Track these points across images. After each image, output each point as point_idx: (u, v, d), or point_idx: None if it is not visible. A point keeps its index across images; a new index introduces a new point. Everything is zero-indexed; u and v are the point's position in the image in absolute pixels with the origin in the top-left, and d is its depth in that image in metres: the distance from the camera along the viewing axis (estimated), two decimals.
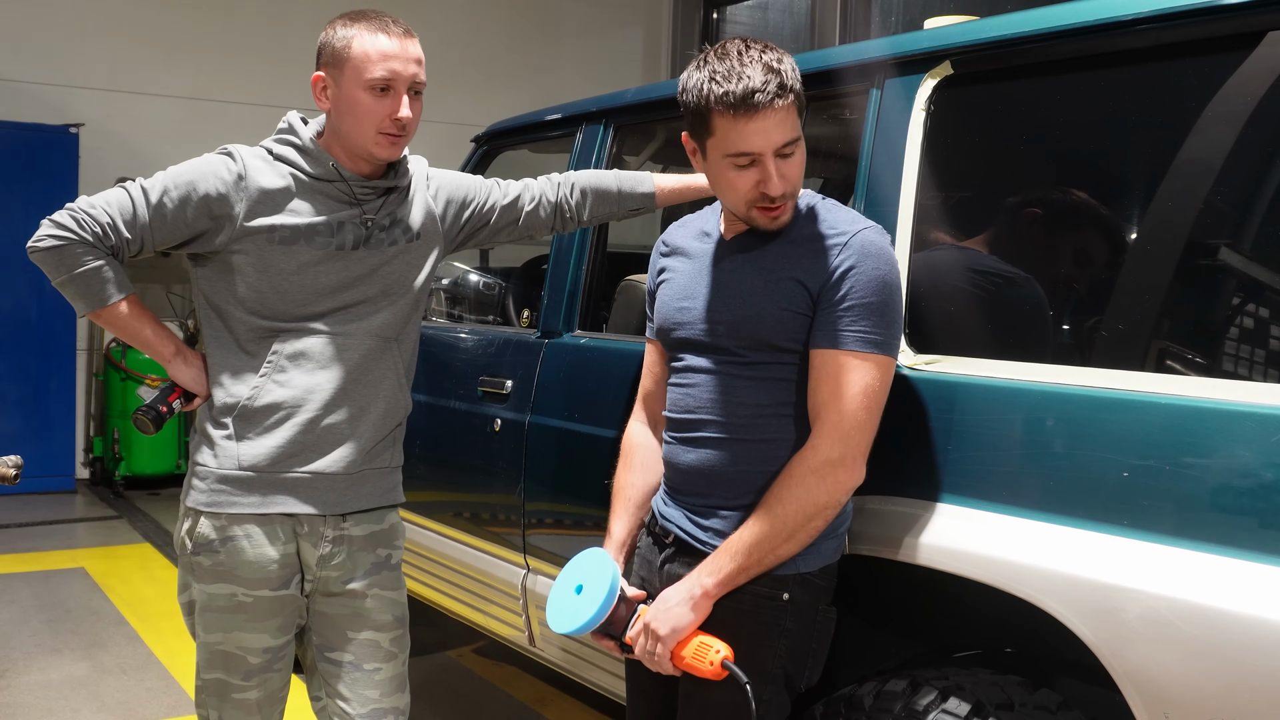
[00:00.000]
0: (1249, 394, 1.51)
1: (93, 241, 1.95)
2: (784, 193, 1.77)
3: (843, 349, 1.75)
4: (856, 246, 1.77)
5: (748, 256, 1.87)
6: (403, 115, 1.98)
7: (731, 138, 1.74)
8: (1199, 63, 1.71)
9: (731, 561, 1.77)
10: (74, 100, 7.12)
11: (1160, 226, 1.70)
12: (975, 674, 1.78)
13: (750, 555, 1.76)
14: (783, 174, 1.76)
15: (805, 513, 1.75)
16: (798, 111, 1.76)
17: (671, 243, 2.04)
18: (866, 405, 1.75)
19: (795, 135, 1.76)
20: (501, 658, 4.08)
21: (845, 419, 1.74)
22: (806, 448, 1.77)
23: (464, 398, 3.10)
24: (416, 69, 2.01)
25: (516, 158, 3.52)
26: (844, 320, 1.75)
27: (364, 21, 1.99)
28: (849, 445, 1.75)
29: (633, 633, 1.87)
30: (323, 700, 2.16)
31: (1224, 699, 1.44)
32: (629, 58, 9.08)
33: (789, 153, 1.76)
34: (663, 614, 1.81)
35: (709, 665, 1.75)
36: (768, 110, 1.71)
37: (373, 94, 1.98)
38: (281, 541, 2.05)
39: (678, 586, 1.83)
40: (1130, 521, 1.57)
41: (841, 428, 1.74)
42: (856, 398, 1.74)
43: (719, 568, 1.78)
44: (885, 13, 7.46)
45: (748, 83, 1.70)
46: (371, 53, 1.97)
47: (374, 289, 2.10)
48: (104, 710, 3.60)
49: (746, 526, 1.78)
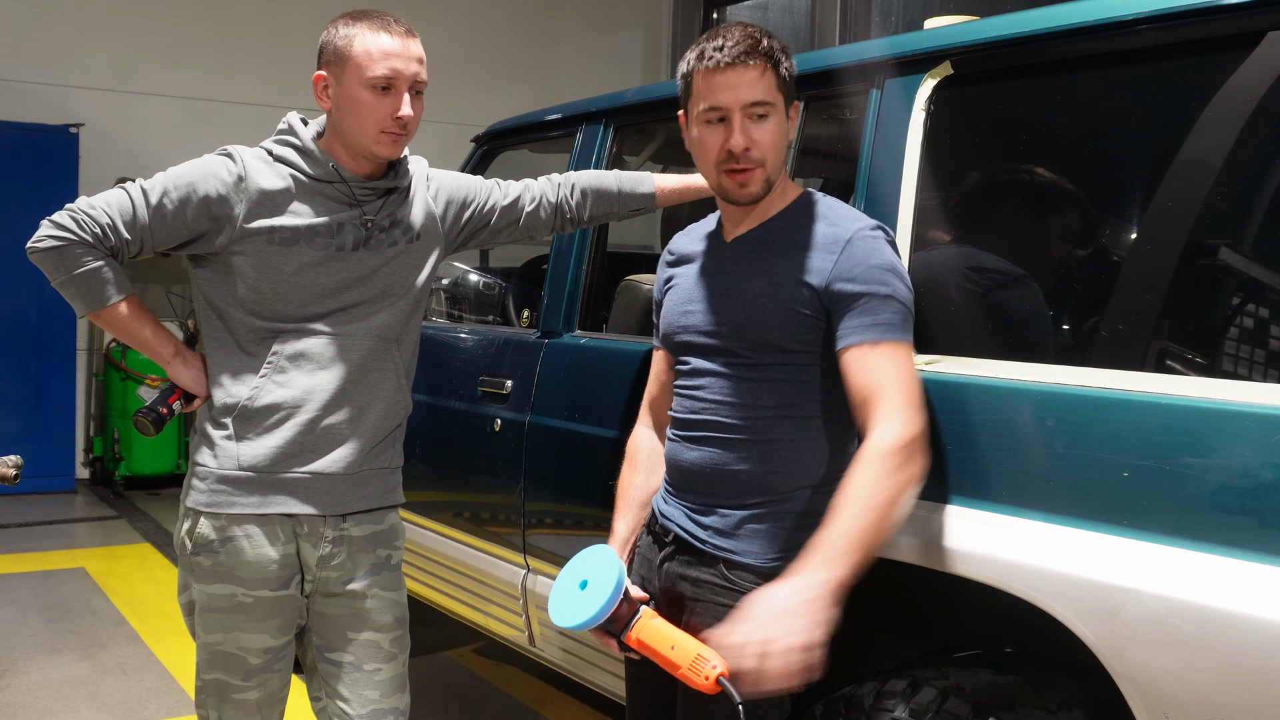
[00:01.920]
0: (1249, 394, 1.51)
1: (92, 242, 1.95)
2: (746, 150, 1.80)
3: (880, 340, 1.74)
4: (859, 243, 1.78)
5: (751, 257, 1.87)
6: (404, 114, 1.99)
7: (703, 93, 1.82)
8: (1199, 63, 1.71)
9: (846, 555, 1.60)
10: (74, 100, 7.12)
11: (1160, 226, 1.70)
12: (975, 674, 1.78)
13: (857, 550, 1.60)
14: (749, 134, 1.80)
15: (893, 500, 1.64)
16: (776, 83, 1.81)
17: (676, 250, 2.05)
18: (918, 387, 1.73)
19: (767, 99, 1.80)
20: (501, 658, 4.08)
21: (910, 396, 1.71)
22: (876, 434, 1.67)
23: (464, 398, 3.10)
24: (418, 68, 2.01)
25: (516, 158, 3.52)
26: (867, 314, 1.75)
27: (365, 21, 1.99)
28: (920, 421, 1.70)
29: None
30: (323, 701, 2.16)
31: (1224, 699, 1.44)
32: (629, 58, 9.08)
33: (760, 114, 1.80)
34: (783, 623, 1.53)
35: (704, 680, 1.75)
36: (739, 67, 1.78)
37: (374, 92, 1.98)
38: (281, 542, 2.05)
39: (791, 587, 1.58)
40: (1130, 522, 1.57)
41: (912, 403, 1.70)
42: (911, 379, 1.73)
43: (835, 561, 1.59)
44: (885, 13, 7.45)
45: (722, 41, 1.80)
46: (374, 51, 1.97)
47: (374, 290, 2.10)
48: (104, 710, 3.60)
49: (836, 524, 1.62)
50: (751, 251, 1.87)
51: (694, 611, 1.86)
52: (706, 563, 1.84)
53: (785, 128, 1.85)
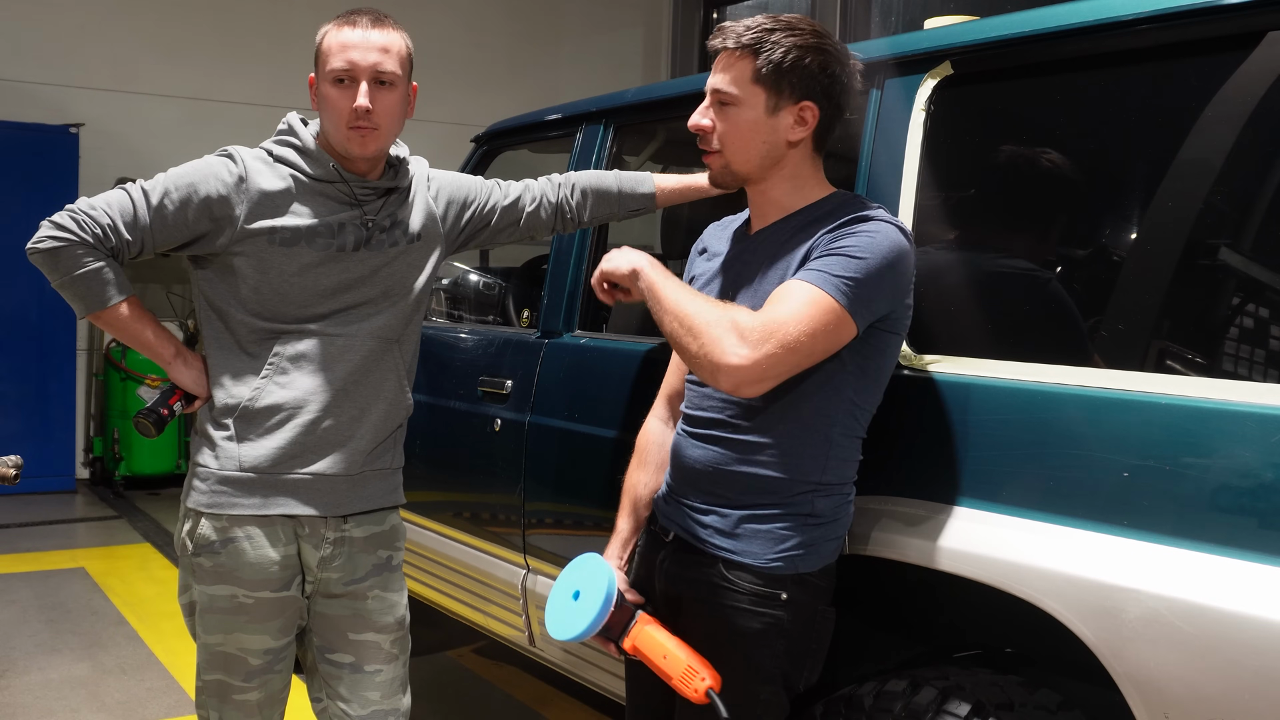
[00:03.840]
0: (1249, 394, 1.51)
1: (93, 243, 1.95)
2: (699, 127, 1.85)
3: (804, 280, 1.71)
4: (857, 224, 1.75)
5: (769, 251, 1.86)
6: (359, 104, 1.96)
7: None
8: (1199, 63, 1.71)
9: (668, 276, 1.81)
10: (74, 100, 7.12)
11: (1160, 226, 1.70)
12: (975, 674, 1.78)
13: (656, 292, 1.79)
14: (712, 118, 1.83)
15: (696, 328, 1.71)
16: (752, 74, 1.79)
17: (704, 242, 2.06)
18: (798, 328, 1.67)
19: (733, 90, 1.81)
20: (501, 658, 4.08)
21: (779, 331, 1.66)
22: (743, 314, 1.72)
23: (464, 398, 3.10)
24: (379, 57, 1.97)
25: (516, 158, 3.52)
26: (812, 265, 1.73)
27: (342, 17, 2.00)
28: (757, 349, 1.66)
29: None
30: (323, 701, 2.16)
31: (1224, 699, 1.44)
32: (629, 58, 9.08)
33: (724, 102, 1.82)
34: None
35: (693, 692, 1.77)
36: (721, 53, 1.83)
37: (337, 87, 1.98)
38: (282, 543, 2.05)
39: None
40: (1130, 522, 1.57)
41: (772, 336, 1.66)
42: (798, 322, 1.67)
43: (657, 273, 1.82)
44: (885, 13, 7.46)
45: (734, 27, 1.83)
46: (333, 45, 1.98)
47: (375, 290, 2.10)
48: (104, 710, 3.60)
49: (693, 295, 1.77)
50: (769, 246, 1.87)
51: (692, 611, 1.86)
52: (706, 562, 1.84)
53: (764, 123, 1.81)
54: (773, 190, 1.87)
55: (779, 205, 1.88)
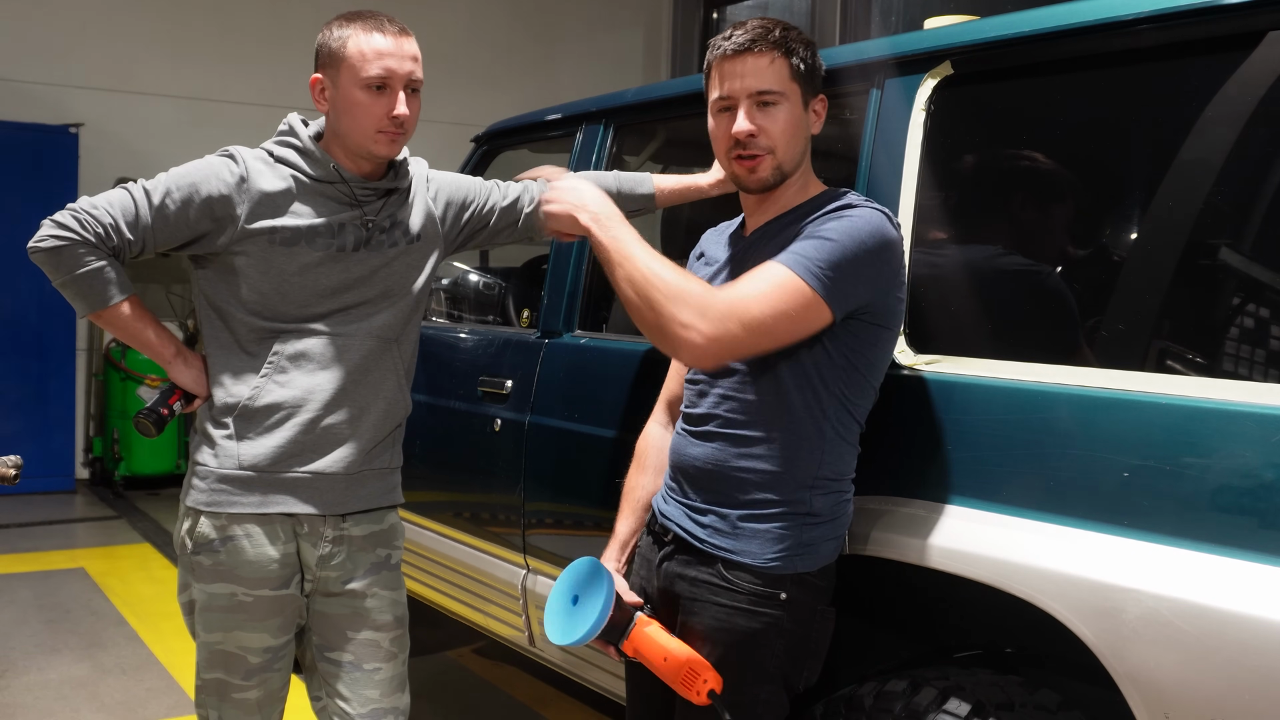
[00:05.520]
0: (1249, 394, 1.51)
1: (94, 242, 1.95)
2: (752, 135, 1.81)
3: (776, 262, 1.70)
4: (847, 210, 1.76)
5: (763, 250, 1.85)
6: (400, 113, 1.99)
7: (715, 82, 1.85)
8: (1199, 63, 1.71)
9: (624, 231, 1.79)
10: (74, 100, 7.12)
11: (1160, 226, 1.70)
12: (975, 674, 1.78)
13: (618, 245, 1.77)
14: (756, 121, 1.81)
15: (654, 299, 1.68)
16: (789, 73, 1.81)
17: (702, 247, 2.07)
18: (761, 308, 1.66)
19: (777, 88, 1.81)
20: (501, 658, 4.08)
21: (734, 300, 1.66)
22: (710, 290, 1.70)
23: (464, 398, 3.10)
24: (413, 66, 2.01)
25: (516, 158, 3.52)
26: (792, 243, 1.73)
27: (359, 21, 1.99)
28: (717, 325, 1.65)
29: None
30: (323, 700, 2.16)
31: (1224, 699, 1.44)
32: (629, 58, 9.08)
33: (768, 102, 1.81)
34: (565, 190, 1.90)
35: (695, 694, 1.77)
36: (746, 55, 1.80)
37: (370, 93, 1.98)
38: (281, 541, 2.05)
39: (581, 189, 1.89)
40: (1130, 522, 1.57)
41: (726, 306, 1.65)
42: (763, 301, 1.66)
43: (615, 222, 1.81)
44: (885, 13, 7.46)
45: (732, 31, 1.83)
46: (367, 51, 1.97)
47: (374, 290, 2.10)
48: (104, 710, 3.60)
49: (646, 252, 1.74)
50: (764, 244, 1.87)
51: (692, 611, 1.86)
52: (705, 562, 1.84)
53: (802, 119, 1.85)
54: (788, 189, 1.88)
55: (782, 204, 1.89)
